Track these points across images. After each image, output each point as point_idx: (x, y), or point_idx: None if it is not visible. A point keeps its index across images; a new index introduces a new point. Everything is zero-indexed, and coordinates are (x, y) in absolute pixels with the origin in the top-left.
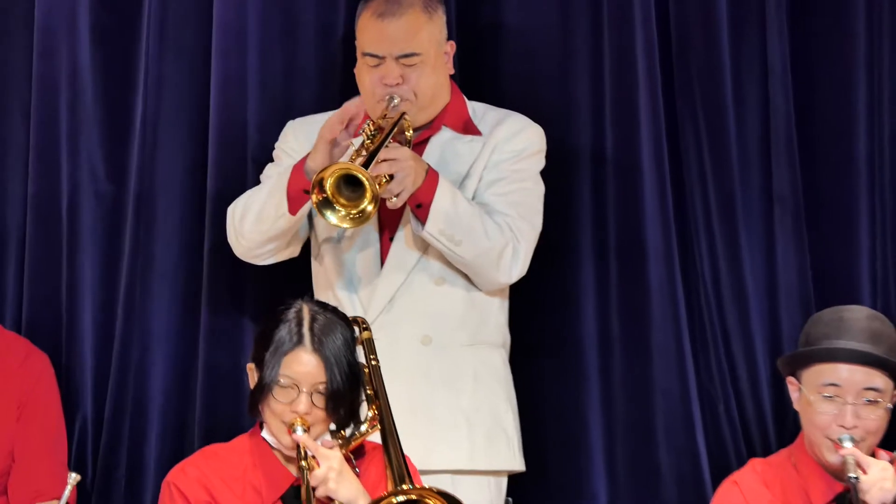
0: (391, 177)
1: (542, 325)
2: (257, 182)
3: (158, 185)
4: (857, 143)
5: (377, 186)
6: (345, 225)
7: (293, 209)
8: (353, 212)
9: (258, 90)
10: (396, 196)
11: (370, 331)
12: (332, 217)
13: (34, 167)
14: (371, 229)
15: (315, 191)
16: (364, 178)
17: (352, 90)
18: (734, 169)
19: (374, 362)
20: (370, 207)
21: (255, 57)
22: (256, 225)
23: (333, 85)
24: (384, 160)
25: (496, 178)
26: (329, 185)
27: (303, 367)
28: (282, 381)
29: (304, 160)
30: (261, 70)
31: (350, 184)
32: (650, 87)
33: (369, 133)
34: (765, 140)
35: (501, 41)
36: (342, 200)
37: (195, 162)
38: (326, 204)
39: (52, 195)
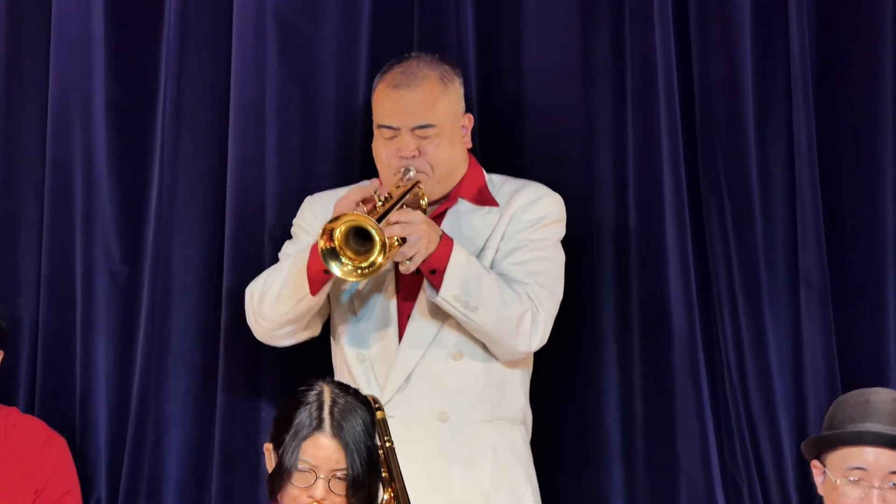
0: (404, 240)
1: (563, 403)
2: (275, 261)
3: (174, 265)
4: (885, 223)
5: (385, 235)
6: (351, 279)
7: (314, 290)
8: (363, 265)
9: (276, 169)
10: (409, 259)
11: (384, 411)
12: (336, 268)
13: (48, 247)
14: (390, 304)
15: (324, 238)
16: (373, 228)
17: (371, 167)
18: (759, 248)
19: (388, 444)
20: (380, 259)
21: (273, 135)
22: (277, 306)
23: (353, 163)
24: (396, 222)
25: (513, 248)
26: (338, 235)
27: (321, 451)
28: (300, 465)
29: None
30: (279, 149)
31: (359, 238)
32: (673, 165)
33: (382, 198)
34: (791, 219)
35: (523, 117)
36: (349, 253)
37: (211, 242)
38: (332, 254)
39: (66, 275)
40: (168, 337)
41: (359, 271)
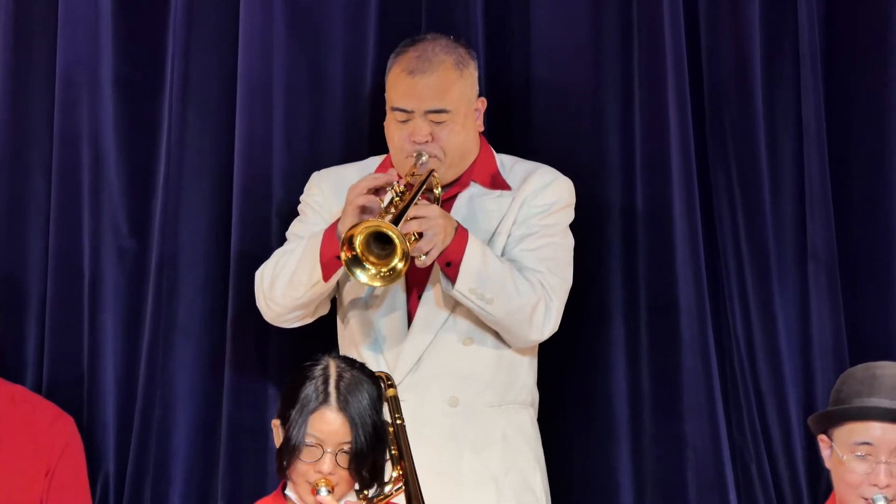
0: (420, 235)
1: (572, 381)
2: (282, 238)
3: (182, 241)
4: (893, 199)
5: (407, 243)
6: (375, 284)
7: (326, 276)
8: (384, 270)
9: (283, 145)
10: (426, 254)
11: (395, 388)
12: (361, 276)
13: (55, 223)
14: (398, 290)
15: (344, 248)
16: (394, 236)
17: (379, 144)
18: (768, 225)
19: (399, 421)
20: (400, 265)
21: (281, 111)
22: (289, 291)
23: (360, 139)
24: (413, 218)
25: (525, 234)
26: (359, 242)
27: (328, 425)
28: (307, 440)
29: (334, 225)
30: (286, 125)
31: (380, 241)
32: (682, 142)
33: (398, 191)
34: (799, 196)
35: (532, 97)
36: (372, 258)
37: (219, 218)
38: (356, 262)
39: (74, 252)
40: (175, 313)
41: (381, 275)
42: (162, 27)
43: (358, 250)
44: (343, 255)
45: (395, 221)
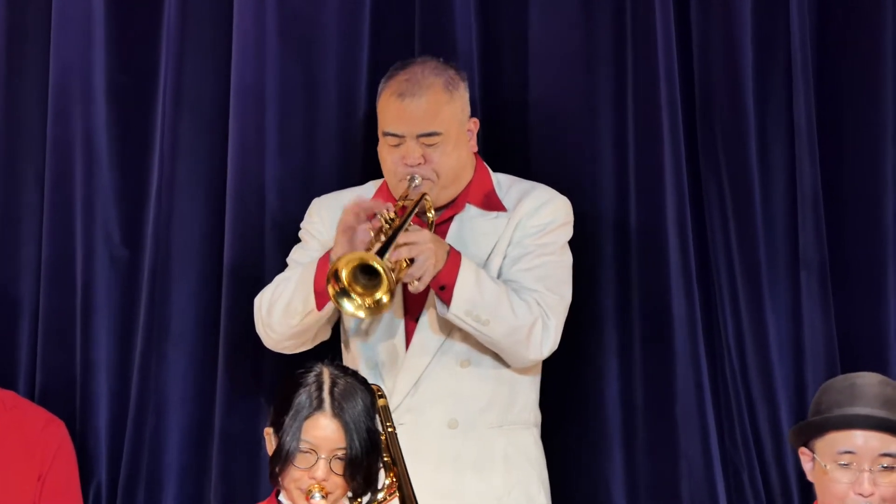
0: (412, 261)
1: (565, 391)
2: (275, 247)
3: (175, 249)
4: (885, 207)
5: (393, 276)
6: (360, 314)
7: (320, 305)
8: (368, 301)
9: (277, 153)
10: (418, 280)
11: (386, 398)
12: (348, 306)
13: (48, 231)
14: (397, 315)
15: (331, 282)
16: (380, 268)
17: (372, 152)
18: (759, 232)
19: (390, 429)
20: (385, 299)
21: (274, 118)
22: (285, 319)
23: (354, 146)
24: (404, 244)
25: (521, 254)
26: (345, 275)
27: (322, 431)
28: (301, 446)
29: (328, 254)
30: (279, 133)
31: (367, 272)
32: (674, 151)
33: (388, 217)
34: (790, 204)
35: (525, 108)
36: (358, 289)
37: (212, 226)
38: (344, 294)
39: (67, 260)
40: (168, 321)
41: (367, 307)
42: (155, 35)
43: (345, 283)
44: (330, 290)
45: (384, 248)
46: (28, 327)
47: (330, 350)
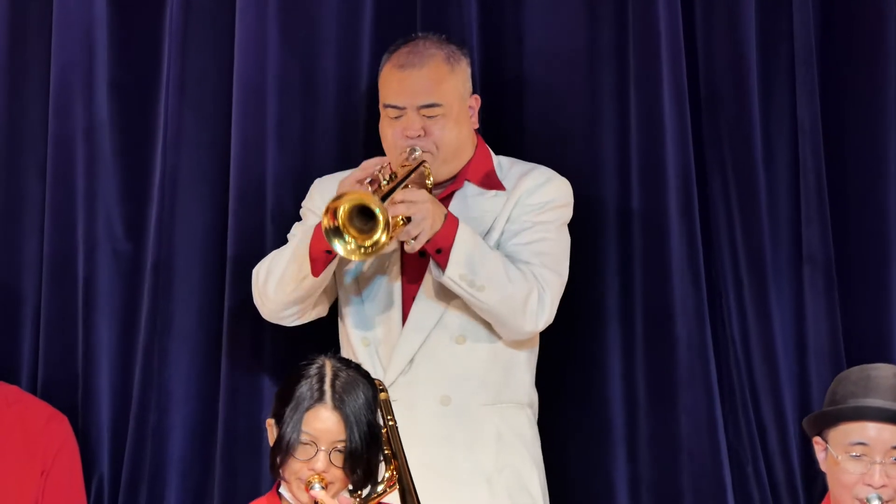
0: (408, 220)
1: (568, 383)
2: (278, 241)
3: (177, 243)
4: (889, 201)
5: (389, 215)
6: (353, 258)
7: (316, 271)
8: (367, 244)
9: (279, 148)
10: (414, 239)
11: (387, 392)
12: (339, 247)
13: (50, 226)
14: (395, 289)
15: (327, 216)
16: (376, 207)
17: (374, 145)
18: (764, 226)
19: (391, 422)
20: (384, 238)
21: (275, 113)
22: (280, 287)
23: (355, 140)
24: (401, 201)
25: (519, 230)
26: (342, 213)
27: (322, 423)
28: (302, 438)
29: None
30: (281, 127)
31: (363, 216)
32: (678, 144)
33: (387, 176)
34: (795, 197)
35: (526, 96)
36: (353, 232)
37: (215, 220)
38: (336, 233)
39: (69, 254)
40: (171, 316)
41: (362, 250)
42: (157, 30)
43: (340, 221)
44: (324, 223)
45: (384, 198)
46: (30, 322)
47: (333, 343)
